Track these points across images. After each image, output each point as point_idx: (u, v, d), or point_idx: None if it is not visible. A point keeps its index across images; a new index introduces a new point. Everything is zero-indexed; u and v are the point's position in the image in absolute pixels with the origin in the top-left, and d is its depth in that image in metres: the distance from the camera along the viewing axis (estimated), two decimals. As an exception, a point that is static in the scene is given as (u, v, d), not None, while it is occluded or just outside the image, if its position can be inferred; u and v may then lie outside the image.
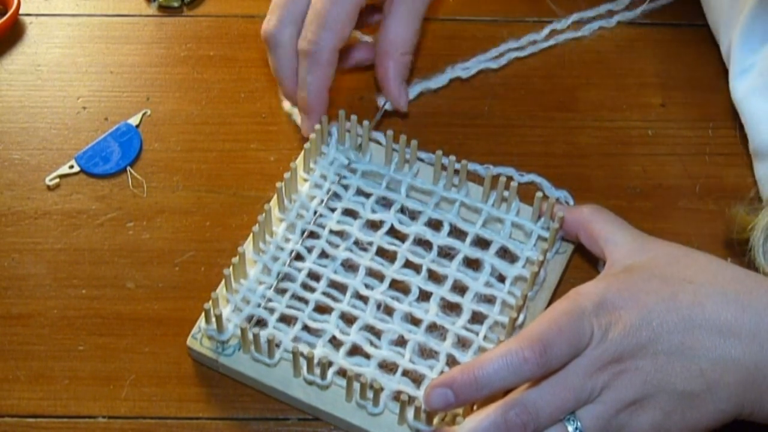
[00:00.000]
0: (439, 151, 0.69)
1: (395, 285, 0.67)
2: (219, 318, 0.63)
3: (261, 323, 0.66)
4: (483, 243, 0.69)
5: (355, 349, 0.64)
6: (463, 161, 0.70)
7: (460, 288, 0.67)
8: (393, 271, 0.67)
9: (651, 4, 0.83)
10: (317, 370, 0.62)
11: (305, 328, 0.65)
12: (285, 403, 0.64)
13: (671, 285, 0.58)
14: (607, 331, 0.56)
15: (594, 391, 0.56)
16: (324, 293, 0.66)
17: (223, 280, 0.65)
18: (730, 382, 0.56)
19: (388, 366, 0.64)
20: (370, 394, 0.61)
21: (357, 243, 0.69)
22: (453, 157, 0.69)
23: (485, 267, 0.67)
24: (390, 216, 0.69)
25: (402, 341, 0.65)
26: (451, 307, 0.66)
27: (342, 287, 0.67)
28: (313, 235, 0.69)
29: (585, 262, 0.70)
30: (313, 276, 0.67)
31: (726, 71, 0.76)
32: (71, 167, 0.74)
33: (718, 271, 0.59)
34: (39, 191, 0.73)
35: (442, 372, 0.63)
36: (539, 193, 0.68)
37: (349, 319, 0.66)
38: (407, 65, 0.74)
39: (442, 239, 0.68)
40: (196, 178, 0.74)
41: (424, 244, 0.69)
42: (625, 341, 0.56)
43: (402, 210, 0.70)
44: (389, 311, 0.66)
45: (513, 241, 0.69)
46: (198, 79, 0.80)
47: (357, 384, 0.61)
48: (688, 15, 0.83)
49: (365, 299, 0.66)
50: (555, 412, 0.56)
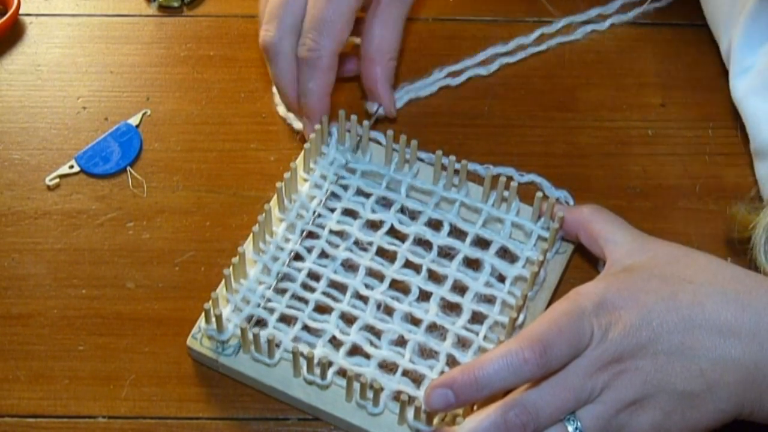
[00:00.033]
0: (439, 151, 0.69)
1: (395, 285, 0.67)
2: (219, 318, 0.63)
3: (261, 323, 0.66)
4: (483, 243, 0.69)
5: (355, 349, 0.64)
6: (463, 161, 0.70)
7: (460, 288, 0.67)
8: (393, 271, 0.67)
9: (645, 6, 0.83)
10: (317, 370, 0.62)
11: (305, 328, 0.65)
12: (285, 403, 0.64)
13: (671, 285, 0.58)
14: (607, 331, 0.56)
15: (594, 391, 0.56)
16: (324, 293, 0.66)
17: (223, 280, 0.65)
18: (730, 381, 0.56)
19: (388, 366, 0.64)
20: (370, 394, 0.61)
21: (357, 243, 0.69)
22: (453, 157, 0.69)
23: (485, 267, 0.67)
24: (390, 216, 0.69)
25: (402, 341, 0.65)
26: (451, 307, 0.66)
27: (342, 287, 0.67)
28: (313, 235, 0.69)
29: (585, 262, 0.70)
30: (313, 276, 0.67)
31: (726, 71, 0.76)
32: (71, 167, 0.74)
33: (717, 271, 0.59)
34: (39, 191, 0.73)
35: (442, 372, 0.63)
36: (539, 193, 0.68)
37: (349, 319, 0.65)
38: (393, 70, 0.74)
39: (442, 239, 0.68)
40: (196, 178, 0.74)
41: (424, 244, 0.69)
42: (625, 341, 0.56)
43: (402, 210, 0.70)
44: (389, 311, 0.66)
45: (513, 241, 0.69)
46: (198, 79, 0.80)
47: (357, 384, 0.61)
48: (688, 15, 0.83)
49: (365, 299, 0.66)
50: (555, 412, 0.56)
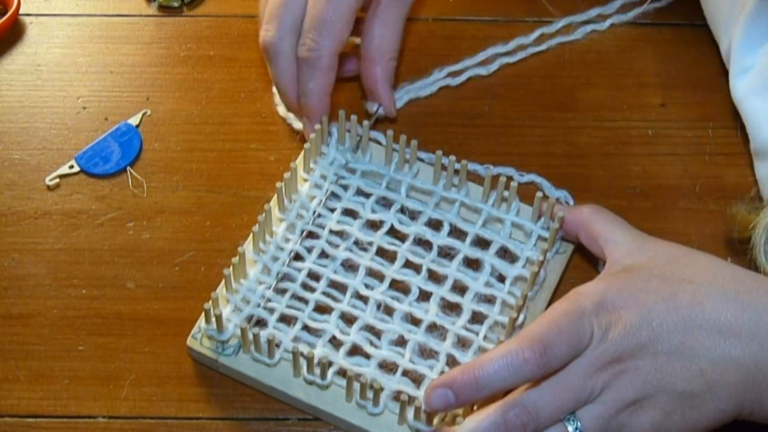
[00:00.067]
0: (439, 151, 0.69)
1: (395, 285, 0.67)
2: (219, 318, 0.63)
3: (261, 323, 0.66)
4: (483, 243, 0.69)
5: (355, 349, 0.64)
6: (463, 161, 0.70)
7: (460, 288, 0.67)
8: (393, 271, 0.67)
9: (645, 6, 0.83)
10: (317, 370, 0.62)
11: (305, 328, 0.65)
12: (285, 403, 0.64)
13: (671, 285, 0.58)
14: (607, 331, 0.56)
15: (594, 392, 0.56)
16: (324, 293, 0.66)
17: (223, 280, 0.65)
18: (730, 381, 0.56)
19: (388, 366, 0.64)
20: (370, 394, 0.61)
21: (357, 243, 0.69)
22: (453, 157, 0.69)
23: (485, 267, 0.67)
24: (390, 216, 0.69)
25: (402, 341, 0.65)
26: (451, 307, 0.66)
27: (342, 287, 0.67)
28: (313, 235, 0.69)
29: (585, 262, 0.70)
30: (313, 276, 0.67)
31: (726, 71, 0.75)
32: (71, 167, 0.74)
33: (717, 271, 0.59)
34: (39, 191, 0.73)
35: (442, 372, 0.63)
36: (539, 193, 0.68)
37: (349, 319, 0.65)
38: (393, 70, 0.74)
39: (442, 239, 0.68)
40: (196, 178, 0.74)
41: (424, 244, 0.69)
42: (625, 341, 0.56)
43: (402, 210, 0.70)
44: (389, 311, 0.66)
45: (513, 241, 0.69)
46: (198, 79, 0.80)
47: (357, 384, 0.61)
48: (688, 15, 0.83)
49: (365, 299, 0.66)
50: (555, 412, 0.56)
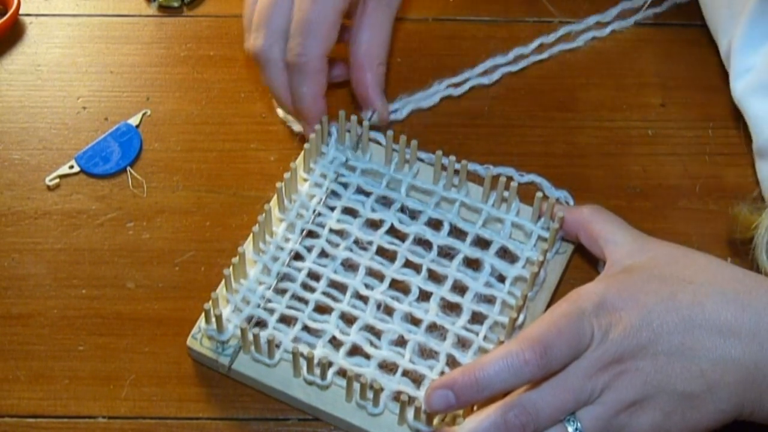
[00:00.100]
0: (439, 151, 0.69)
1: (395, 285, 0.67)
2: (219, 318, 0.63)
3: (261, 324, 0.66)
4: (483, 243, 0.69)
5: (355, 350, 0.64)
6: (463, 161, 0.69)
7: (460, 288, 0.67)
8: (393, 271, 0.67)
9: (644, 12, 0.83)
10: (317, 370, 0.62)
11: (305, 328, 0.65)
12: (285, 403, 0.64)
13: (671, 285, 0.58)
14: (608, 332, 0.56)
15: (594, 392, 0.56)
16: (324, 293, 0.66)
17: (223, 280, 0.65)
18: (730, 382, 0.56)
19: (388, 366, 0.64)
20: (370, 394, 0.61)
21: (357, 242, 0.69)
22: (453, 157, 0.69)
23: (485, 267, 0.67)
24: (390, 215, 0.69)
25: (402, 341, 0.65)
26: (451, 307, 0.66)
27: (342, 287, 0.67)
28: (313, 235, 0.69)
29: (585, 262, 0.70)
30: (313, 276, 0.67)
31: (726, 71, 0.75)
32: (71, 167, 0.74)
33: (717, 271, 0.59)
34: (39, 191, 0.73)
35: (442, 372, 0.63)
36: (539, 193, 0.68)
37: (349, 319, 0.65)
38: (384, 75, 0.73)
39: (442, 239, 0.68)
40: (196, 178, 0.74)
41: (424, 243, 0.69)
42: (626, 342, 0.56)
43: (402, 209, 0.70)
44: (389, 311, 0.66)
45: (513, 241, 0.69)
46: (198, 79, 0.80)
47: (357, 384, 0.61)
48: (688, 15, 0.83)
49: (365, 299, 0.66)
50: (555, 413, 0.56)
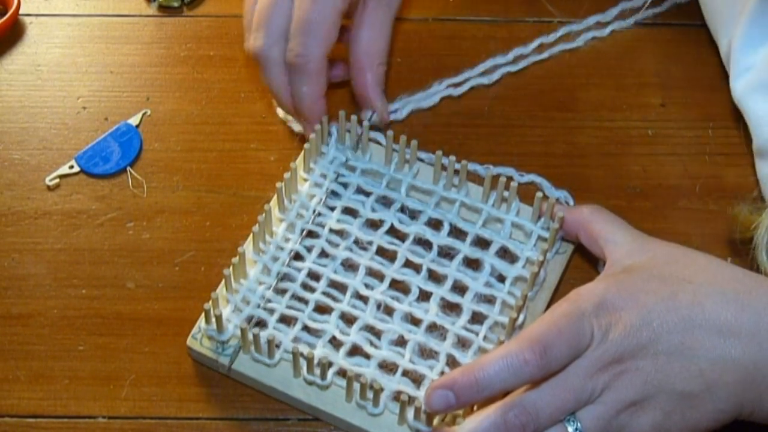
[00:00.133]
0: (439, 151, 0.69)
1: (395, 285, 0.67)
2: (219, 318, 0.63)
3: (261, 324, 0.66)
4: (483, 243, 0.69)
5: (355, 350, 0.64)
6: (463, 161, 0.70)
7: (460, 288, 0.67)
8: (393, 271, 0.67)
9: (644, 12, 0.83)
10: (317, 370, 0.62)
11: (305, 328, 0.65)
12: (285, 403, 0.64)
13: (671, 285, 0.58)
14: (608, 332, 0.56)
15: (594, 392, 0.56)
16: (324, 293, 0.66)
17: (223, 280, 0.65)
18: (729, 381, 0.56)
19: (388, 366, 0.64)
20: (370, 394, 0.61)
21: (357, 242, 0.69)
22: (453, 157, 0.69)
23: (485, 267, 0.67)
24: (390, 215, 0.69)
25: (402, 341, 0.65)
26: (451, 307, 0.66)
27: (342, 287, 0.67)
28: (313, 234, 0.69)
29: (585, 262, 0.70)
30: (313, 276, 0.67)
31: (726, 71, 0.75)
32: (71, 167, 0.74)
33: (717, 271, 0.59)
34: (39, 191, 0.73)
35: (442, 372, 0.63)
36: (539, 193, 0.68)
37: (349, 319, 0.65)
38: (384, 75, 0.73)
39: (442, 239, 0.68)
40: (196, 178, 0.74)
41: (424, 243, 0.69)
42: (626, 342, 0.56)
43: (402, 209, 0.70)
44: (389, 311, 0.66)
45: (513, 241, 0.69)
46: (198, 79, 0.80)
47: (357, 384, 0.61)
48: (687, 15, 0.83)
49: (365, 299, 0.66)
50: (555, 412, 0.56)
